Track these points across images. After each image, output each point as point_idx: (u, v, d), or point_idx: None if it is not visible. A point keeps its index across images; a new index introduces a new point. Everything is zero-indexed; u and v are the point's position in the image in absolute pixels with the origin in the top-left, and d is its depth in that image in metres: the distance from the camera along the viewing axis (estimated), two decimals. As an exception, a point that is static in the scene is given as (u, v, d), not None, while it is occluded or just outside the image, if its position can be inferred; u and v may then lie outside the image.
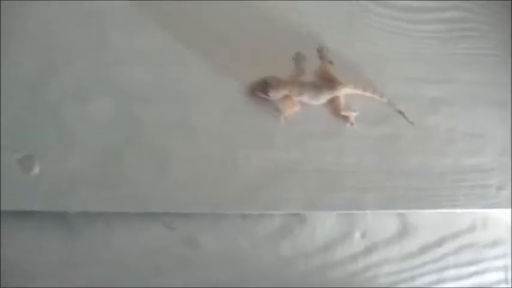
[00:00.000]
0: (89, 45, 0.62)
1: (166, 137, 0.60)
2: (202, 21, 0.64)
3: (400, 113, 0.66)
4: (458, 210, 0.66)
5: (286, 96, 0.62)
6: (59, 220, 0.59)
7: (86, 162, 0.58)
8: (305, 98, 0.63)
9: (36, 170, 0.56)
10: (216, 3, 0.65)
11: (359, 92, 0.65)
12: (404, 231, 0.67)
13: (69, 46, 0.61)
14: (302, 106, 0.63)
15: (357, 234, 0.66)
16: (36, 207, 0.55)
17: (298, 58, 0.65)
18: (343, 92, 0.64)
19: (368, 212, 0.64)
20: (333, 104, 0.65)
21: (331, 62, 0.65)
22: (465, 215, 0.68)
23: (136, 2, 0.63)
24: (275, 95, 0.61)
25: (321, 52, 0.66)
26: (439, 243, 0.68)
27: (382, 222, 0.67)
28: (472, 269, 0.69)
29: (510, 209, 0.67)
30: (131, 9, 0.63)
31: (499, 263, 0.70)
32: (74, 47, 0.61)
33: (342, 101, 0.64)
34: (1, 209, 0.56)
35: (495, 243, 0.70)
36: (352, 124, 0.64)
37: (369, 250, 0.66)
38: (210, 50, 0.64)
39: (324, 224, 0.65)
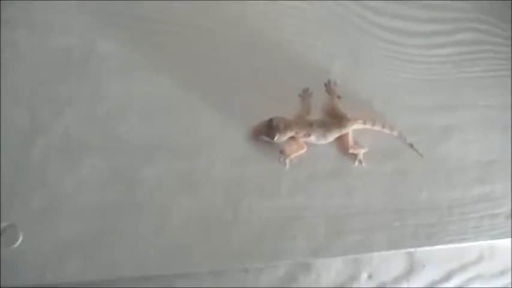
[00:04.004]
0: (80, 95, 0.56)
1: (165, 193, 0.55)
2: (203, 63, 0.60)
3: (411, 146, 0.63)
4: (467, 244, 0.64)
5: (292, 138, 0.58)
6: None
7: (76, 229, 0.52)
8: (312, 139, 0.58)
9: (19, 241, 0.50)
10: (218, 41, 0.60)
11: (368, 127, 0.60)
12: (411, 269, 0.64)
13: (57, 97, 0.55)
14: (308, 146, 0.59)
15: (364, 276, 0.63)
16: (19, 283, 0.50)
17: (305, 95, 0.60)
18: (352, 128, 0.60)
19: (376, 253, 0.61)
20: (341, 141, 0.61)
21: (339, 97, 0.61)
22: (472, 246, 0.66)
23: (132, 47, 0.58)
24: (281, 138, 0.56)
25: (328, 86, 0.61)
26: (447, 277, 0.66)
27: (389, 261, 0.64)
28: (480, 301, 0.66)
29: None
30: (127, 55, 0.57)
31: (506, 292, 0.68)
32: (62, 98, 0.55)
33: (351, 137, 0.60)
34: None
35: (502, 273, 0.68)
36: (360, 162, 0.60)
37: (376, 291, 0.63)
38: (212, 91, 0.59)
39: (330, 269, 0.62)
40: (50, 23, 0.55)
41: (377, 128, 0.61)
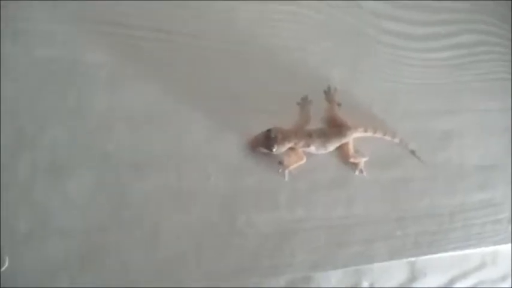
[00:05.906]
0: (66, 108, 0.53)
1: (157, 207, 0.53)
2: (194, 71, 0.58)
3: (412, 153, 0.61)
4: (469, 251, 0.63)
5: (291, 149, 0.56)
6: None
7: (65, 248, 0.50)
8: (312, 149, 0.56)
9: (5, 264, 0.48)
10: (210, 49, 0.58)
11: (369, 134, 0.59)
12: (413, 278, 0.63)
13: (42, 110, 0.53)
14: (308, 156, 0.57)
15: (365, 285, 0.61)
16: (7, 309, 0.48)
17: (304, 103, 0.58)
18: (353, 137, 0.58)
19: (377, 264, 0.60)
20: (341, 150, 0.59)
21: (339, 104, 0.59)
22: (474, 253, 0.65)
23: (120, 57, 0.56)
24: (280, 149, 0.54)
25: (328, 94, 0.58)
26: (449, 285, 0.65)
27: (390, 270, 0.62)
28: (483, 307, 0.66)
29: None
30: (115, 65, 0.55)
31: (509, 297, 0.67)
32: (48, 111, 0.53)
33: (351, 146, 0.59)
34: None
35: (504, 278, 0.67)
36: (361, 171, 0.58)
37: (377, 300, 0.62)
38: (206, 101, 0.57)
39: (330, 279, 0.60)
40: (34, 32, 0.53)
41: (378, 135, 0.60)
